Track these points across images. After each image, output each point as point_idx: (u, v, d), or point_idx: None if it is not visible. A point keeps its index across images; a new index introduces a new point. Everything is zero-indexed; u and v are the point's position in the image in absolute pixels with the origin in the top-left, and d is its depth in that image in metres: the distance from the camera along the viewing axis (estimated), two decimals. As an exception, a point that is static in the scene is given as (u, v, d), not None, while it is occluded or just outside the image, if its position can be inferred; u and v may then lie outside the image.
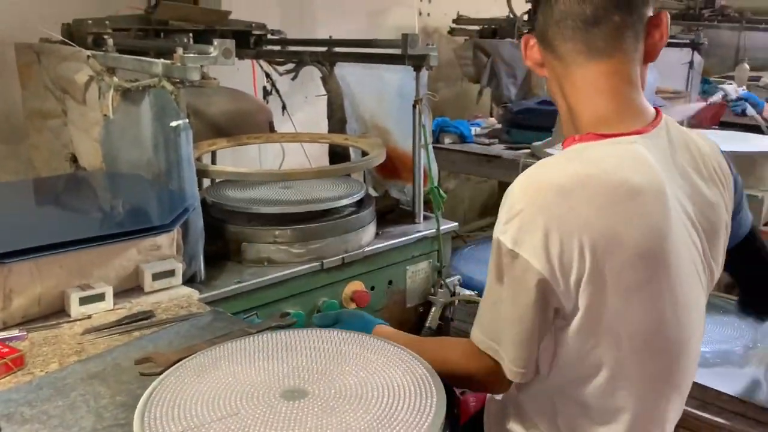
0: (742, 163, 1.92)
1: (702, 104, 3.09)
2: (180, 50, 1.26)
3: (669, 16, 0.96)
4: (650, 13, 0.95)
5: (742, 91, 2.94)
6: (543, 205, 0.87)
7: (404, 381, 0.88)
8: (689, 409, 1.47)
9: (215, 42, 1.26)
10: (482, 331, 0.97)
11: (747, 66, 3.84)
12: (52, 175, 1.80)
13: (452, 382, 1.02)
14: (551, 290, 0.87)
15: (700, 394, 1.48)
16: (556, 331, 0.92)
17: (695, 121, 3.59)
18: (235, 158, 2.22)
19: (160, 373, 0.94)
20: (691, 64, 3.19)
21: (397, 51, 1.66)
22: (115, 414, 0.86)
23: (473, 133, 2.85)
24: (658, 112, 0.97)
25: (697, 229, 0.96)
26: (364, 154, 1.76)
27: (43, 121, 1.87)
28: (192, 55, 1.25)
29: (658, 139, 0.95)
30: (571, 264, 0.86)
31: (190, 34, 1.94)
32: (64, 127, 1.79)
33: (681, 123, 3.08)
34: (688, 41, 3.15)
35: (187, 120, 1.29)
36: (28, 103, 1.92)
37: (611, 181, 0.88)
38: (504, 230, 0.89)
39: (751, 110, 2.86)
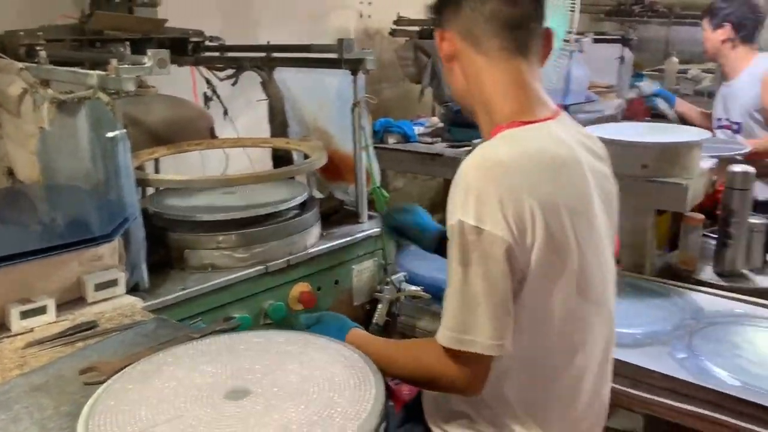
0: (667, 153, 2.05)
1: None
2: (114, 61, 1.27)
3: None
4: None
5: (655, 87, 3.09)
6: (493, 178, 0.99)
7: (344, 375, 0.92)
8: (622, 387, 1.56)
9: (149, 52, 1.27)
10: (449, 328, 1.01)
11: (675, 59, 4.01)
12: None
13: (427, 385, 1.12)
14: (515, 256, 0.98)
15: (632, 373, 1.56)
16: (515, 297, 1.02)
17: (630, 113, 3.75)
18: (178, 165, 2.21)
19: (104, 381, 0.95)
20: (621, 59, 3.32)
21: (335, 55, 1.70)
22: (59, 424, 0.88)
23: (417, 132, 2.91)
24: (558, 106, 1.15)
25: (600, 197, 1.13)
26: (306, 157, 1.79)
27: (-24, 134, 1.84)
28: (127, 66, 1.26)
29: (563, 124, 1.13)
30: (525, 226, 0.98)
31: (127, 43, 1.94)
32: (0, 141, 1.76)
33: (615, 115, 3.17)
34: (618, 37, 3.27)
35: (124, 130, 1.30)
36: (-40, 117, 1.88)
37: (542, 156, 1.04)
38: (464, 211, 0.98)
39: (662, 104, 3.01)
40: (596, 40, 3.06)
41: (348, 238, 1.73)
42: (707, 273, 2.20)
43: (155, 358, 0.98)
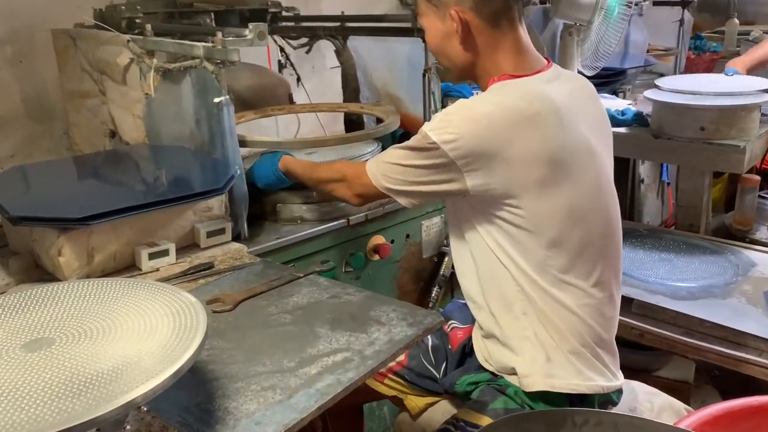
0: (725, 115, 2.10)
1: None
2: (220, 34, 1.42)
3: None
4: None
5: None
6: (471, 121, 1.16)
7: (166, 311, 0.87)
8: (677, 336, 1.68)
9: (250, 26, 1.41)
10: (377, 169, 1.32)
11: (736, 21, 3.95)
12: (92, 149, 1.98)
13: (328, 184, 1.44)
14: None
15: (686, 323, 1.68)
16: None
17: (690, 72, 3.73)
18: (258, 129, 2.38)
19: (230, 310, 1.13)
20: (681, 21, 3.31)
21: (408, 24, 1.82)
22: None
23: (475, 95, 3.00)
24: (548, 59, 1.30)
25: (597, 135, 1.26)
26: (379, 121, 1.93)
27: (81, 100, 2.03)
28: (231, 38, 1.41)
29: (551, 75, 1.26)
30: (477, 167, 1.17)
31: (212, 14, 2.09)
32: (102, 106, 1.95)
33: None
34: (678, 0, 3.26)
35: (228, 96, 1.45)
36: (66, 85, 2.07)
37: (518, 107, 1.16)
38: (433, 127, 1.20)
39: None
40: (655, 3, 3.06)
41: (419, 196, 1.86)
42: (762, 233, 2.26)
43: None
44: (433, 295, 1.93)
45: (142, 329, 0.84)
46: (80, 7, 2.02)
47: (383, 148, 1.74)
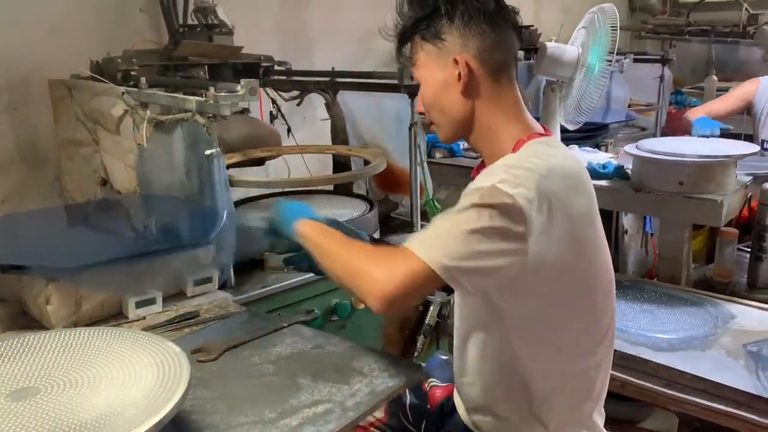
0: (703, 170, 2.17)
1: None
2: (212, 89, 1.47)
3: None
4: None
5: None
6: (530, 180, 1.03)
7: (150, 361, 0.89)
8: (658, 387, 1.70)
9: (242, 81, 1.47)
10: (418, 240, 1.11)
11: (715, 78, 4.10)
12: (83, 197, 2.00)
13: (349, 277, 1.09)
14: (525, 239, 1.06)
15: (667, 374, 1.70)
16: None
17: (669, 130, 3.85)
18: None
19: (214, 359, 1.15)
20: (661, 78, 3.43)
21: (395, 81, 1.88)
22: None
23: (462, 147, 3.07)
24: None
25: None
26: (367, 163, 1.97)
27: (75, 149, 2.07)
28: (224, 93, 1.46)
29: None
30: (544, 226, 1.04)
31: (206, 68, 2.16)
32: (94, 155, 1.98)
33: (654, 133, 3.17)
34: (658, 57, 3.38)
35: (219, 149, 1.50)
36: (60, 134, 2.11)
37: (568, 168, 1.11)
38: (497, 180, 1.03)
39: None
40: (636, 60, 3.18)
41: (404, 246, 1.90)
42: (742, 285, 2.30)
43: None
44: (418, 344, 1.94)
45: (126, 379, 0.86)
46: (77, 56, 2.08)
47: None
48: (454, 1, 1.14)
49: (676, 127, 3.95)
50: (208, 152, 1.49)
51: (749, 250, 2.33)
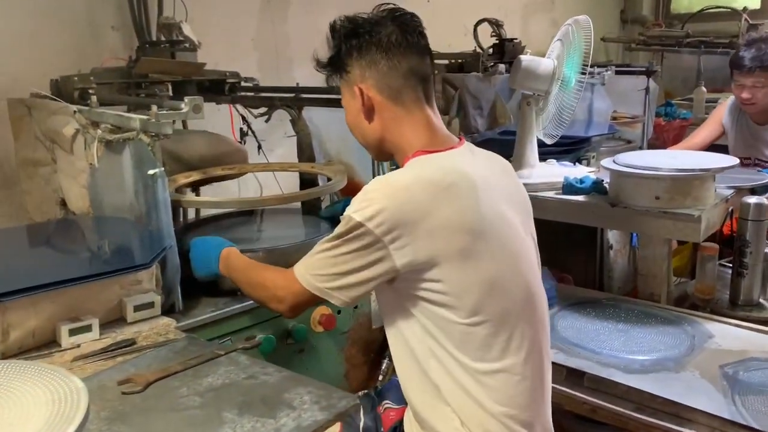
0: (679, 184, 2.10)
1: None
2: (155, 107, 1.43)
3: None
4: None
5: None
6: (392, 197, 1.16)
7: (48, 398, 0.86)
8: (627, 411, 1.63)
9: (186, 99, 1.42)
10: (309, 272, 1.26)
11: (704, 89, 4.05)
12: (43, 217, 1.97)
13: (259, 293, 1.36)
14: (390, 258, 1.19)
15: (638, 398, 1.63)
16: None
17: (659, 143, 3.80)
18: (217, 194, 2.38)
19: (140, 391, 1.09)
20: (646, 90, 3.37)
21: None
22: (98, 426, 1.01)
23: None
24: (461, 138, 1.33)
25: (513, 207, 1.28)
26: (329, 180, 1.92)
27: (34, 168, 2.03)
28: (165, 111, 1.41)
29: (465, 151, 1.29)
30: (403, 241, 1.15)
31: (169, 85, 2.12)
32: (53, 174, 1.95)
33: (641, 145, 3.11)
34: (642, 69, 3.33)
35: (162, 168, 1.45)
36: (20, 153, 2.08)
37: (434, 179, 1.18)
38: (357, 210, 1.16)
39: None
40: (618, 72, 3.12)
41: (367, 265, 1.84)
42: (724, 302, 2.23)
43: None
44: (383, 367, 1.88)
45: (15, 418, 0.80)
46: (46, 75, 2.05)
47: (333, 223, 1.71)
48: (351, 38, 1.26)
49: (665, 139, 3.91)
50: (151, 172, 1.44)
51: (732, 265, 2.26)
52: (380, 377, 1.87)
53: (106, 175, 1.65)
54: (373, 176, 1.90)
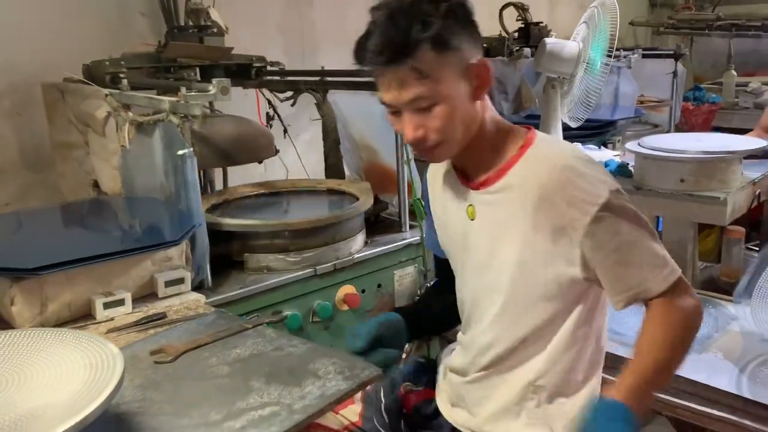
0: (704, 166, 2.09)
1: None
2: (183, 89, 1.46)
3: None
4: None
5: None
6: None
7: (85, 362, 0.88)
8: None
9: (213, 81, 1.46)
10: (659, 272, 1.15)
11: (734, 72, 3.97)
12: (77, 199, 2.03)
13: (685, 339, 1.22)
14: None
15: (659, 378, 1.64)
16: None
17: (687, 127, 3.74)
18: (244, 176, 2.43)
19: (171, 361, 1.14)
20: (674, 73, 3.33)
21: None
22: (132, 393, 1.05)
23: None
24: None
25: None
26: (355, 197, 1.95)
27: (68, 151, 2.09)
28: (194, 93, 1.45)
29: None
30: None
31: (197, 69, 2.16)
32: (86, 157, 2.01)
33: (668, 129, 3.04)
34: (670, 52, 3.29)
35: (191, 149, 1.49)
36: (54, 136, 2.14)
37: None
38: (602, 186, 1.07)
39: None
40: (645, 55, 3.08)
41: (390, 245, 1.87)
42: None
43: None
44: (406, 347, 1.90)
45: (56, 380, 0.85)
46: (79, 60, 2.11)
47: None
48: (460, 8, 1.06)
49: (693, 123, 3.85)
50: (180, 152, 1.48)
51: (758, 249, 2.24)
52: (403, 356, 1.90)
53: (137, 156, 1.70)
54: (398, 159, 1.92)
